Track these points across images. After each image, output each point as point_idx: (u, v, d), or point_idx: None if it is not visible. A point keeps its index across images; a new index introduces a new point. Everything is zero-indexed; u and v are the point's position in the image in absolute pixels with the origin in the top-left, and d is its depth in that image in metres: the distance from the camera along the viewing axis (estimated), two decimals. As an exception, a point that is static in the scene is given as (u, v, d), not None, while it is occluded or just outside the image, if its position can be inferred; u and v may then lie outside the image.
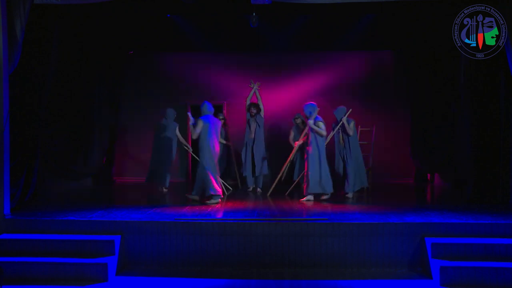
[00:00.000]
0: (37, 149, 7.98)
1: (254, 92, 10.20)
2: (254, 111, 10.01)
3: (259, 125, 10.04)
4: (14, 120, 7.30)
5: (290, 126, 10.63)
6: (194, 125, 8.24)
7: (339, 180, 9.31)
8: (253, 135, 10.03)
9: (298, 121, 10.15)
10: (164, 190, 9.98)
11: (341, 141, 9.23)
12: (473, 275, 5.81)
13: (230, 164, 11.16)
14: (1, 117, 6.80)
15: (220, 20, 11.41)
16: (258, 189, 9.97)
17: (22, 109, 7.67)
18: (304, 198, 8.60)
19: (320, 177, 8.51)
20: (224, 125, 10.93)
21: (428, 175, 11.67)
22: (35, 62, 7.98)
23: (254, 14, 8.99)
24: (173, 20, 11.48)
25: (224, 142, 10.68)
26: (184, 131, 11.36)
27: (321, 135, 8.54)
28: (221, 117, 10.71)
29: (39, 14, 7.80)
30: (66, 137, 9.75)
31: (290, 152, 9.57)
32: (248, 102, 10.19)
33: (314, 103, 8.81)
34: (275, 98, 12.39)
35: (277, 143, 11.55)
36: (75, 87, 9.88)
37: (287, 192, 9.49)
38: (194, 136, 8.25)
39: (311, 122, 8.56)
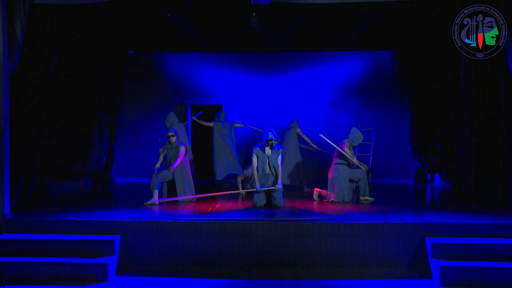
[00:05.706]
0: (37, 149, 7.97)
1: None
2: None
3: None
4: (14, 120, 7.30)
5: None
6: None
7: None
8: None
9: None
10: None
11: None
12: (473, 275, 5.81)
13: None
14: (1, 117, 6.80)
15: (220, 20, 11.40)
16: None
17: (22, 109, 7.67)
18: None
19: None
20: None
21: (428, 175, 11.67)
22: (35, 62, 7.97)
23: (254, 14, 9.00)
24: (173, 20, 11.47)
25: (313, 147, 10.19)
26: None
27: None
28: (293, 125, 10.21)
29: (39, 14, 7.79)
30: (66, 137, 9.73)
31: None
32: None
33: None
34: (274, 98, 12.40)
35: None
36: (75, 87, 9.87)
37: None
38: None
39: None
